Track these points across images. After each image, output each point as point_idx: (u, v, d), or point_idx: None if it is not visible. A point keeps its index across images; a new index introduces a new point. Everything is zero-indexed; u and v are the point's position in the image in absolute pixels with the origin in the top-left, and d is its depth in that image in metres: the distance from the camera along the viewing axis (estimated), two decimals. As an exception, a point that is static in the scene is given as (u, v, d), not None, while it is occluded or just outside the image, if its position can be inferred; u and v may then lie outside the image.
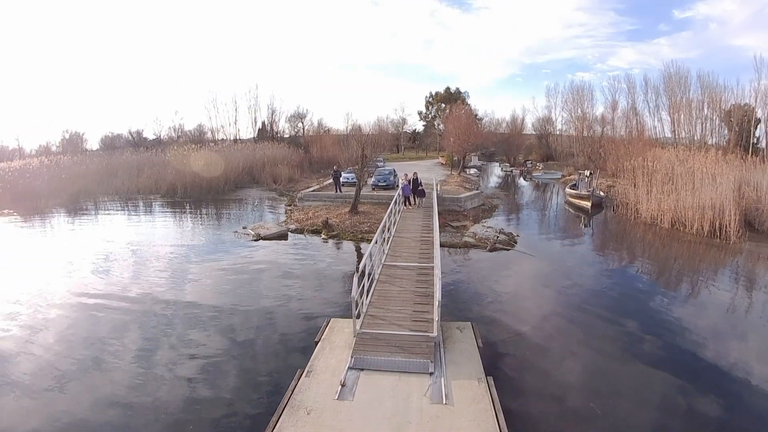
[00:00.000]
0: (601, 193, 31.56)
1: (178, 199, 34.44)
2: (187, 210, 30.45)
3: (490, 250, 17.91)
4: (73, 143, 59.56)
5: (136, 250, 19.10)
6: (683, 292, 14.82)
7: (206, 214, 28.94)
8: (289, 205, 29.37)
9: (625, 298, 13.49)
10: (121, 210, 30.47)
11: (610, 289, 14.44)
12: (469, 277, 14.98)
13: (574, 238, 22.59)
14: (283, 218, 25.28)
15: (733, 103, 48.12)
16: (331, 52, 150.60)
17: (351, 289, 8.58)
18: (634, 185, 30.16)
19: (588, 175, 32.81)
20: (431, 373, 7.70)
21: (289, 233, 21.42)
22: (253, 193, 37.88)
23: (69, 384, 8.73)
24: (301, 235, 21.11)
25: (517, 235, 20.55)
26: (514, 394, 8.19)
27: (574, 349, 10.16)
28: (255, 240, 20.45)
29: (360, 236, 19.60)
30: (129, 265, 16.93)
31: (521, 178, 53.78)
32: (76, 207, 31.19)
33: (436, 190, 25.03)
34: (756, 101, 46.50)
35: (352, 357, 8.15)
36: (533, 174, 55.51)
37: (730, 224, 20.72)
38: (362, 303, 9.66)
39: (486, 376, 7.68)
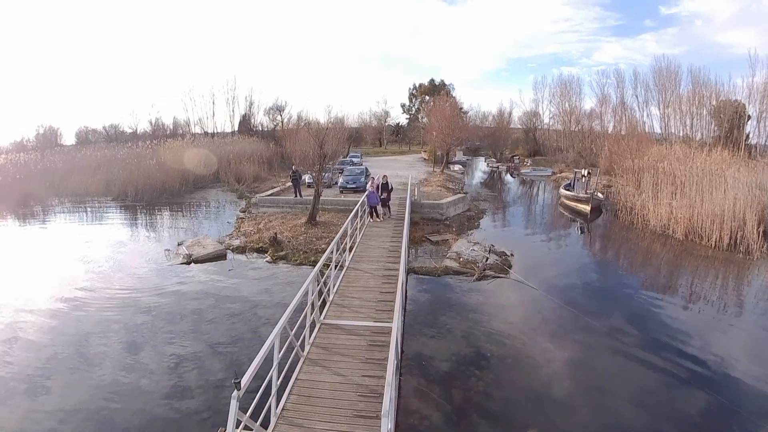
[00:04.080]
0: (600, 195, 28.00)
1: (129, 203, 30.06)
2: (132, 217, 25.95)
3: (478, 279, 13.98)
4: (48, 139, 56.47)
5: (28, 282, 14.67)
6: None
7: (149, 223, 24.40)
8: (244, 211, 25.12)
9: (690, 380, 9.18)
10: (63, 217, 26.31)
11: (658, 358, 9.86)
12: (449, 334, 10.65)
13: (580, 256, 18.75)
14: (231, 229, 21.03)
15: (723, 98, 46.05)
16: (313, 42, 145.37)
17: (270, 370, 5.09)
18: (638, 187, 26.87)
19: (586, 174, 29.13)
20: None
21: (229, 252, 17.23)
22: (212, 194, 33.51)
23: None
24: (243, 256, 16.92)
25: (511, 254, 16.59)
26: None
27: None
28: (185, 263, 16.25)
29: (313, 258, 15.41)
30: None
31: (508, 175, 50.30)
32: (22, 213, 27.27)
33: (413, 196, 20.90)
34: (749, 97, 44.76)
35: None
36: (521, 170, 52.02)
37: (751, 236, 17.92)
38: (270, 409, 5.72)
39: None
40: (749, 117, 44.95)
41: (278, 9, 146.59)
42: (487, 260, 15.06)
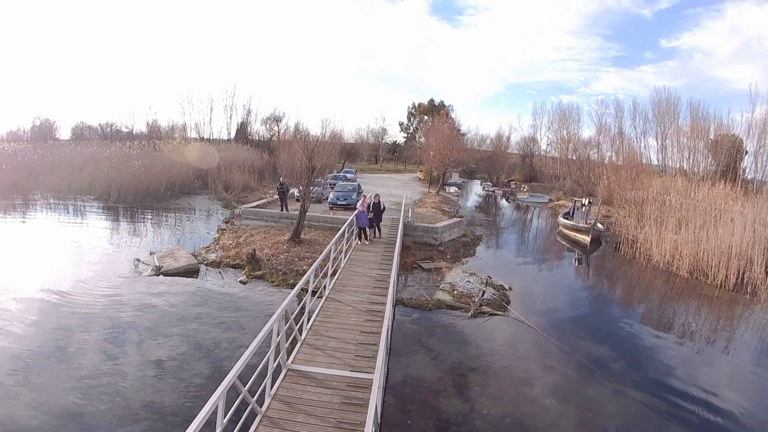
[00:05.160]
0: (600, 226, 27.00)
1: (110, 204, 28.78)
2: (111, 219, 24.65)
3: (474, 316, 12.57)
4: (43, 131, 56.73)
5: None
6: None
7: (126, 227, 22.90)
8: (227, 222, 23.68)
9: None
10: (41, 213, 25.36)
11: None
12: (438, 383, 9.11)
13: (582, 293, 17.47)
14: (209, 241, 19.59)
15: (721, 133, 45.73)
16: (316, 57, 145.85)
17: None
18: (640, 220, 25.97)
19: (586, 203, 28.13)
20: None
21: (203, 266, 15.76)
22: (198, 201, 32.09)
23: None
24: (218, 271, 15.43)
25: (509, 288, 15.25)
26: None
27: None
28: (154, 274, 14.81)
29: (292, 280, 13.97)
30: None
31: (504, 200, 49.39)
32: (2, 204, 26.41)
33: (406, 218, 19.58)
34: (747, 132, 44.44)
35: None
36: (517, 196, 51.21)
37: (758, 276, 17.35)
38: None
39: None
40: (746, 152, 44.91)
41: (282, 21, 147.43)
42: (483, 294, 13.70)
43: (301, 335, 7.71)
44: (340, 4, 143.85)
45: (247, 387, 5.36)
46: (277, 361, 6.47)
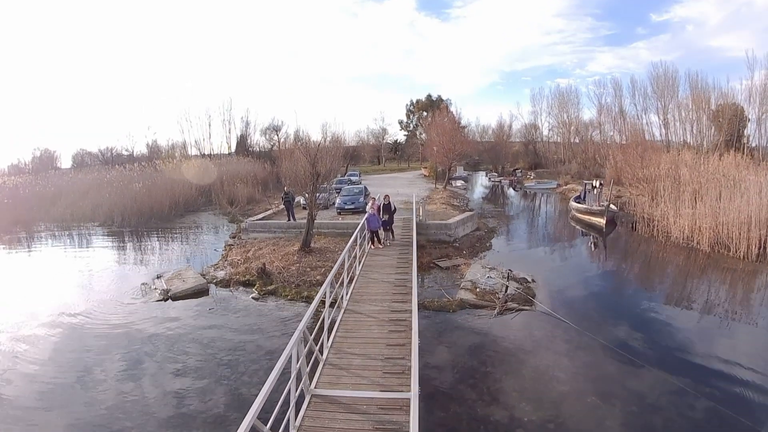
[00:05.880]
0: (614, 207, 26.30)
1: (115, 229, 28.44)
2: (116, 244, 24.22)
3: (500, 313, 11.94)
4: (44, 162, 56.99)
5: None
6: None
7: (131, 251, 22.51)
8: (234, 237, 23.21)
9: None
10: (45, 245, 25.03)
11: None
12: (473, 391, 8.53)
13: (606, 277, 16.82)
14: (217, 258, 19.10)
15: (722, 102, 45.30)
16: (310, 65, 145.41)
17: None
18: (653, 197, 25.26)
19: (597, 185, 27.44)
20: None
21: (213, 286, 15.22)
22: (203, 218, 31.72)
23: None
24: (228, 290, 14.84)
25: (532, 280, 14.58)
26: None
27: None
28: (162, 299, 14.29)
29: (306, 292, 13.40)
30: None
31: (511, 189, 48.73)
32: (8, 239, 26.26)
33: (418, 216, 19.00)
34: (749, 99, 43.92)
35: None
36: (525, 184, 50.51)
37: None
38: None
39: None
40: (748, 119, 44.35)
41: (273, 30, 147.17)
42: (507, 289, 13.10)
43: (322, 355, 7.15)
44: (328, 11, 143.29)
45: (269, 424, 4.81)
46: (299, 388, 5.91)
